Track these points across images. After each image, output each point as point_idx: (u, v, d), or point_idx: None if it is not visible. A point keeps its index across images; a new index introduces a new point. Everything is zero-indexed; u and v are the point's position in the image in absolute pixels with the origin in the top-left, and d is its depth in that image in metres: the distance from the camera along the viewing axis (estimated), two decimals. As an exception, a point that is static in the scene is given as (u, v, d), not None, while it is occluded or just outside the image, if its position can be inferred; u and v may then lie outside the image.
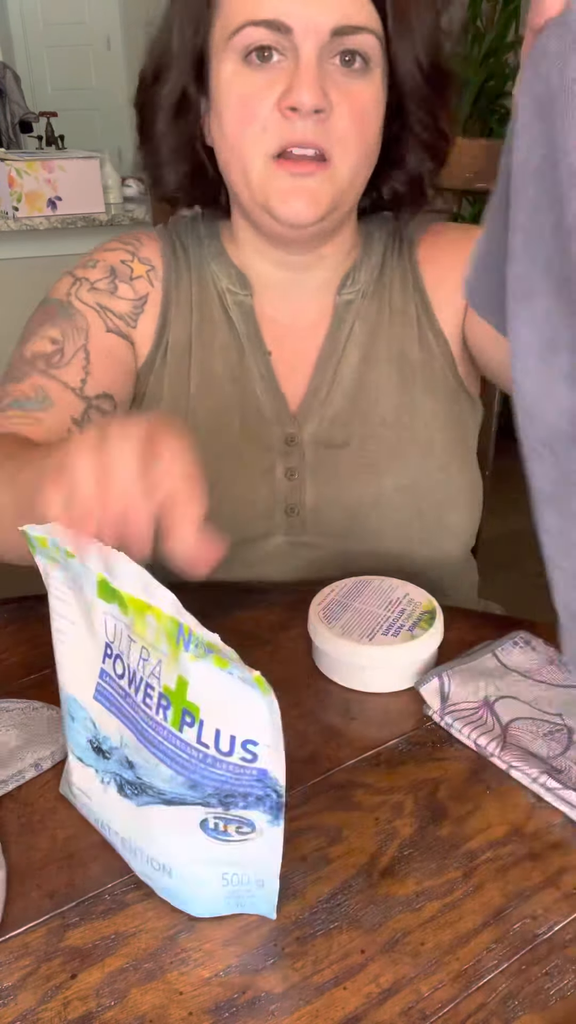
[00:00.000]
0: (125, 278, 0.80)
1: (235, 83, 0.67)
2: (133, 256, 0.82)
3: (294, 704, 0.63)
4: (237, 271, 0.81)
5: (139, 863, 0.48)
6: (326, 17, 0.64)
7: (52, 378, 0.75)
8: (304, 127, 0.65)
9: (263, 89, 0.66)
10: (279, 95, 0.65)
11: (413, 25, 0.68)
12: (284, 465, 0.79)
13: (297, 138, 0.66)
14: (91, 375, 0.76)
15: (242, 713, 0.41)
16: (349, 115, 0.67)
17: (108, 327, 0.78)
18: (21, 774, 0.56)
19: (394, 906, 0.47)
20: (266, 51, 0.66)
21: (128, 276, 0.80)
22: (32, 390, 0.74)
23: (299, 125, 0.65)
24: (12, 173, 2.30)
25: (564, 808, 0.53)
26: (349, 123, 0.67)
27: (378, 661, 0.63)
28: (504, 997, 0.42)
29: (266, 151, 0.67)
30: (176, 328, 0.81)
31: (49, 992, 0.43)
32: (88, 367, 0.76)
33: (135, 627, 0.43)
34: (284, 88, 0.65)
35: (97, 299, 0.79)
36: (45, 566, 0.48)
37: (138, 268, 0.81)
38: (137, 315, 0.80)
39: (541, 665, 0.65)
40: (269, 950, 0.45)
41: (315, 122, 0.65)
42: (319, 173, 0.68)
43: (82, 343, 0.77)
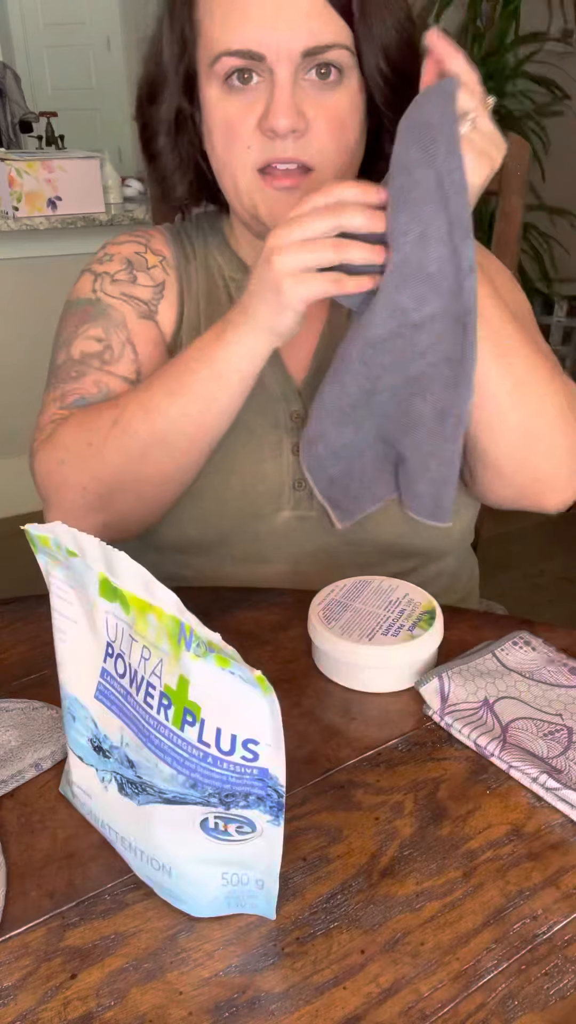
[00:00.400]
0: (142, 268, 0.84)
1: (219, 107, 0.72)
2: (145, 247, 0.86)
3: (294, 704, 0.63)
4: (239, 260, 0.85)
5: (139, 863, 0.48)
6: (296, 41, 0.68)
7: (110, 374, 0.79)
8: (284, 146, 0.70)
9: (244, 111, 0.71)
10: (259, 117, 0.70)
11: (375, 33, 0.71)
12: (291, 440, 0.81)
13: (278, 156, 0.71)
14: (142, 365, 0.81)
15: (243, 712, 0.41)
16: (327, 127, 0.71)
17: (140, 313, 0.82)
18: (21, 774, 0.56)
19: (394, 906, 0.47)
20: (245, 73, 0.70)
21: (144, 266, 0.85)
22: (95, 387, 0.79)
23: (279, 145, 0.70)
24: (12, 173, 2.30)
25: (564, 808, 0.53)
26: (327, 135, 0.71)
27: (378, 661, 0.63)
28: (504, 997, 0.42)
29: (251, 166, 0.72)
30: (189, 313, 0.84)
31: (49, 992, 0.43)
32: (137, 359, 0.81)
33: (136, 626, 0.43)
34: (262, 110, 0.70)
35: (121, 289, 0.83)
36: (47, 565, 0.48)
37: (152, 258, 0.85)
38: (158, 301, 0.84)
39: (541, 665, 0.65)
40: (269, 950, 0.45)
41: (294, 139, 0.70)
42: (303, 183, 0.72)
43: (125, 337, 0.81)
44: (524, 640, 0.67)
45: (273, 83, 0.69)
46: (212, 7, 0.70)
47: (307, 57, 0.68)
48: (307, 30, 0.67)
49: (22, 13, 4.67)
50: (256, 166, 0.72)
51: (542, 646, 0.67)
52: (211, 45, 0.70)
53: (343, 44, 0.69)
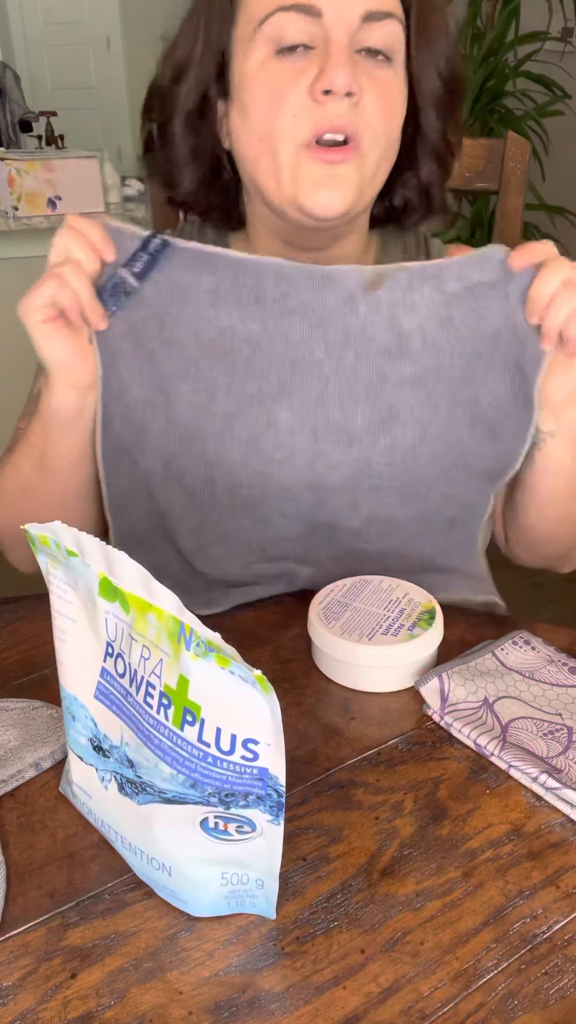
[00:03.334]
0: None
1: (263, 73, 0.67)
2: None
3: (294, 704, 0.63)
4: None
5: (139, 862, 0.48)
6: (356, 1, 0.64)
7: None
8: (337, 110, 0.65)
9: (293, 76, 0.65)
10: (311, 80, 0.65)
11: (432, 24, 0.69)
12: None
13: (330, 122, 0.65)
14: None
15: (243, 712, 0.41)
16: (378, 102, 0.67)
17: None
18: (21, 774, 0.56)
19: (394, 906, 0.47)
20: (296, 47, 0.65)
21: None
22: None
23: (331, 108, 0.65)
24: (12, 173, 2.29)
25: (564, 808, 0.53)
26: (379, 110, 0.67)
27: (378, 661, 0.63)
28: (504, 996, 0.42)
29: (297, 139, 0.66)
30: None
31: (49, 991, 0.43)
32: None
33: (136, 626, 0.43)
34: (316, 73, 0.65)
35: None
36: (46, 565, 0.48)
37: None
38: None
39: (541, 665, 0.65)
40: (269, 950, 0.45)
41: (348, 106, 0.65)
42: (349, 160, 0.67)
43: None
44: (524, 640, 0.67)
45: (328, 46, 0.64)
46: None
47: (365, 23, 0.65)
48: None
49: (22, 12, 4.67)
50: (302, 139, 0.66)
51: (542, 646, 0.67)
52: (260, 5, 0.65)
53: (398, 17, 0.67)
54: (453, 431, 0.69)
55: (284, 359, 0.66)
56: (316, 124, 0.65)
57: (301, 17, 0.64)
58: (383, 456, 0.69)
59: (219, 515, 0.72)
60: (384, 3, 0.66)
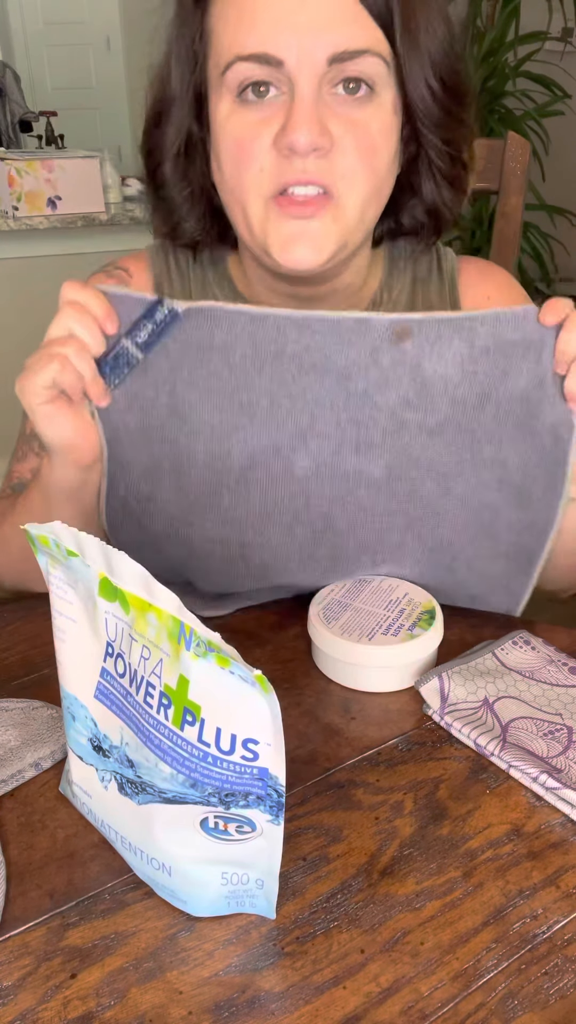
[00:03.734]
0: None
1: (230, 124, 0.62)
2: None
3: (294, 704, 0.63)
4: (243, 300, 0.76)
5: (139, 862, 0.48)
6: (321, 45, 0.58)
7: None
8: (304, 165, 0.60)
9: (258, 127, 0.61)
10: (275, 133, 0.60)
11: (422, 42, 0.62)
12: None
13: (295, 178, 0.61)
14: None
15: (243, 712, 0.41)
16: (355, 148, 0.61)
17: None
18: (21, 774, 0.56)
19: (394, 906, 0.47)
20: (261, 86, 0.60)
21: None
22: (30, 473, 0.78)
23: (298, 164, 0.60)
24: (12, 172, 2.30)
25: (564, 808, 0.53)
26: (355, 157, 0.61)
27: (378, 661, 0.63)
28: (504, 996, 0.42)
29: (265, 193, 0.63)
30: None
31: (49, 991, 0.43)
32: None
33: (136, 626, 0.43)
34: (280, 126, 0.60)
35: None
36: (46, 565, 0.48)
37: None
38: None
39: (541, 665, 0.65)
40: (269, 949, 0.45)
41: (316, 158, 0.60)
42: (322, 213, 0.62)
43: None
44: (524, 639, 0.67)
45: (292, 93, 0.59)
46: (226, 10, 0.61)
47: (334, 64, 0.59)
48: (335, 33, 0.58)
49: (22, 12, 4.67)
50: (270, 192, 0.62)
51: (542, 646, 0.67)
52: (222, 52, 0.61)
53: (377, 52, 0.60)
54: (479, 492, 0.65)
55: (303, 410, 0.62)
56: (282, 178, 0.61)
57: (261, 67, 0.59)
58: (401, 504, 0.66)
59: (231, 565, 0.70)
60: (355, 39, 0.59)
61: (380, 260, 0.77)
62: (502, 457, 0.63)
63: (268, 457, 0.64)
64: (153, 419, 0.64)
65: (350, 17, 0.58)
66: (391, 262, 0.77)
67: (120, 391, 0.62)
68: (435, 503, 0.66)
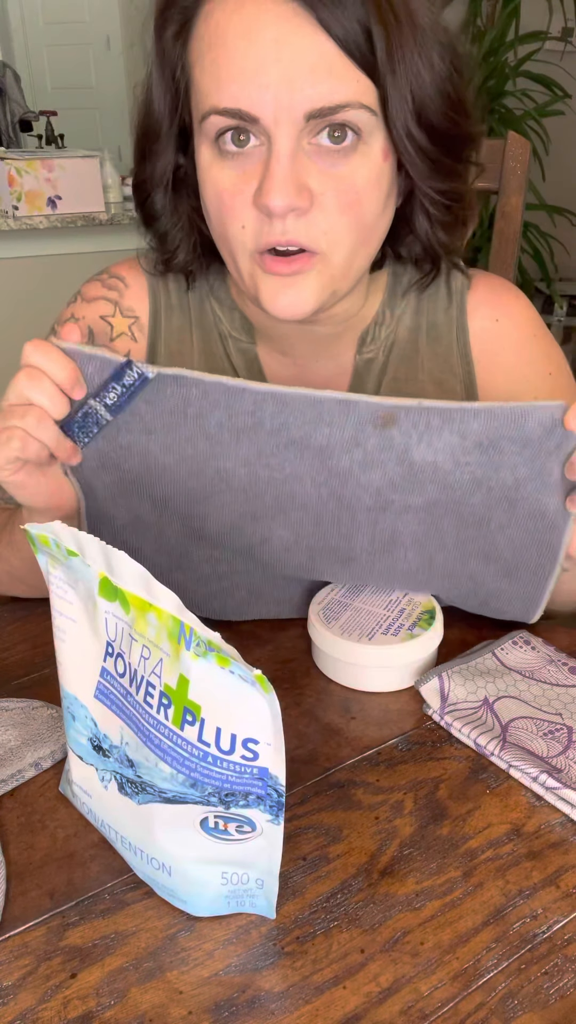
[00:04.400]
0: (104, 339, 0.75)
1: (211, 175, 0.60)
2: (115, 308, 0.75)
3: (294, 703, 0.63)
4: (241, 315, 0.74)
5: (139, 862, 0.48)
6: (299, 101, 0.54)
7: None
8: (283, 227, 0.58)
9: (237, 182, 0.59)
10: (254, 191, 0.58)
11: (404, 86, 0.57)
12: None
13: (275, 239, 0.58)
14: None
15: (243, 712, 0.41)
16: (336, 204, 0.58)
17: None
18: (21, 774, 0.56)
19: (394, 905, 0.47)
20: (241, 134, 0.57)
21: (107, 336, 0.75)
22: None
23: (277, 226, 0.58)
24: (12, 172, 2.30)
25: (564, 807, 0.53)
26: (336, 213, 0.58)
27: (378, 660, 0.63)
28: (503, 996, 0.42)
29: (249, 248, 0.61)
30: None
31: (49, 991, 0.43)
32: None
33: (136, 626, 0.43)
34: (258, 183, 0.57)
35: None
36: (46, 565, 0.48)
37: (119, 324, 0.75)
38: None
39: (541, 665, 0.65)
40: (269, 949, 0.45)
41: (295, 218, 0.58)
42: (307, 268, 0.60)
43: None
44: (524, 639, 0.67)
45: (270, 149, 0.56)
46: (203, 53, 0.57)
47: (313, 120, 0.55)
48: (313, 88, 0.54)
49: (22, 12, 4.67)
50: (254, 249, 0.60)
51: (542, 646, 0.67)
52: (200, 99, 0.58)
53: (360, 103, 0.56)
54: (464, 564, 0.64)
55: (283, 482, 0.60)
56: (264, 239, 0.59)
57: (237, 122, 0.56)
58: (382, 576, 0.67)
59: (224, 600, 0.71)
60: (335, 93, 0.55)
61: (383, 278, 0.74)
62: (492, 539, 0.62)
63: (246, 523, 0.62)
64: (128, 476, 0.61)
65: (329, 68, 0.54)
66: (394, 279, 0.74)
67: (91, 450, 0.59)
68: (416, 574, 0.66)
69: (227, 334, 0.75)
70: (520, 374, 0.73)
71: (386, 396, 0.55)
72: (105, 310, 0.75)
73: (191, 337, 0.75)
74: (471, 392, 0.74)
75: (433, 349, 0.73)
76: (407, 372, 0.73)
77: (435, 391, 0.73)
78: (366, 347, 0.73)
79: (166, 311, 0.75)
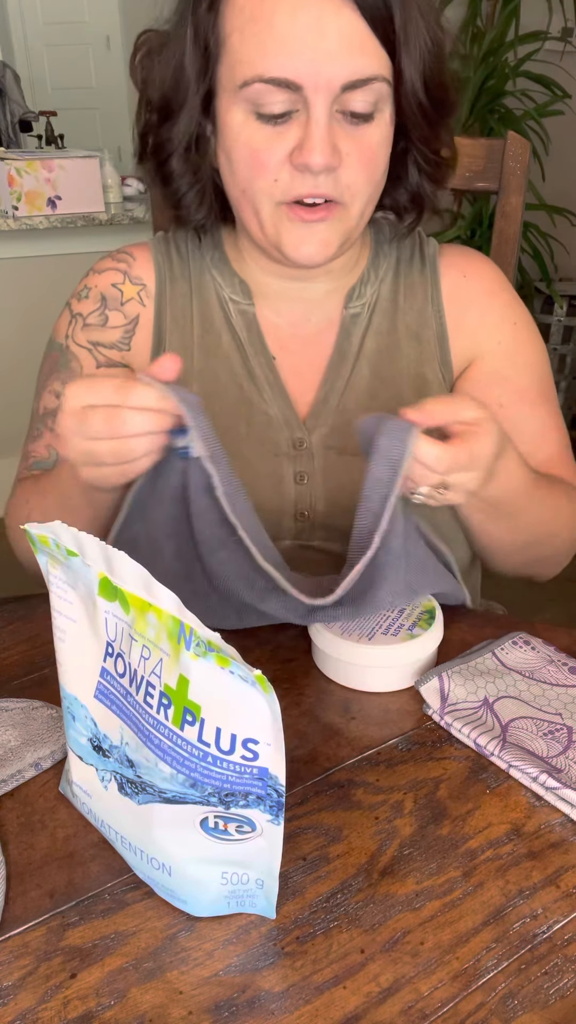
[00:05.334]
0: (116, 304, 0.82)
1: (245, 133, 0.67)
2: (124, 277, 0.83)
3: (294, 703, 0.63)
4: (240, 280, 0.82)
5: (139, 862, 0.48)
6: (337, 74, 0.63)
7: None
8: (316, 182, 0.67)
9: (274, 141, 0.66)
10: (291, 148, 0.66)
11: (415, 60, 0.67)
12: (294, 469, 0.80)
13: (308, 192, 0.67)
14: None
15: (243, 712, 0.41)
16: (359, 163, 0.68)
17: (99, 362, 0.82)
18: (21, 774, 0.56)
19: (394, 905, 0.47)
20: (279, 99, 0.65)
21: (119, 301, 0.82)
22: (46, 450, 0.81)
23: (310, 180, 0.67)
24: (12, 172, 2.29)
25: (564, 807, 0.53)
26: (358, 170, 0.68)
27: (378, 661, 0.63)
28: (504, 996, 0.42)
29: (277, 198, 0.69)
30: (173, 339, 0.82)
31: (49, 991, 0.43)
32: None
33: (136, 626, 0.43)
34: (296, 143, 0.66)
35: (88, 337, 0.82)
36: (46, 564, 0.48)
37: (128, 291, 0.83)
38: (129, 337, 0.82)
39: (541, 665, 0.65)
40: (269, 949, 0.45)
41: (325, 175, 0.67)
42: (330, 217, 0.69)
43: None
44: (524, 639, 0.67)
45: (308, 115, 0.65)
46: (242, 23, 0.64)
47: (346, 91, 0.64)
48: (349, 62, 0.63)
49: (22, 12, 4.67)
50: (282, 200, 0.68)
51: (542, 646, 0.67)
52: (240, 67, 0.65)
53: (383, 76, 0.66)
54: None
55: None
56: (296, 190, 0.67)
57: (280, 89, 0.64)
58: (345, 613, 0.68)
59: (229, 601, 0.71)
60: (366, 68, 0.64)
61: (368, 241, 0.83)
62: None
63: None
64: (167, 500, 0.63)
65: (362, 45, 0.64)
66: (377, 244, 0.84)
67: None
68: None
69: (227, 298, 0.82)
70: (486, 324, 0.82)
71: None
72: (116, 279, 0.83)
73: (191, 304, 0.82)
74: (443, 341, 0.82)
75: (410, 305, 0.82)
76: (388, 326, 0.82)
77: (411, 343, 0.82)
78: (352, 303, 0.82)
79: (170, 282, 0.83)
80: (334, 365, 0.81)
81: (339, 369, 0.81)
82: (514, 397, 0.81)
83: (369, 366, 0.81)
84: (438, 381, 0.81)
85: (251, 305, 0.82)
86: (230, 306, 0.82)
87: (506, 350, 0.82)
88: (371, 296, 0.82)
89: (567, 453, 0.83)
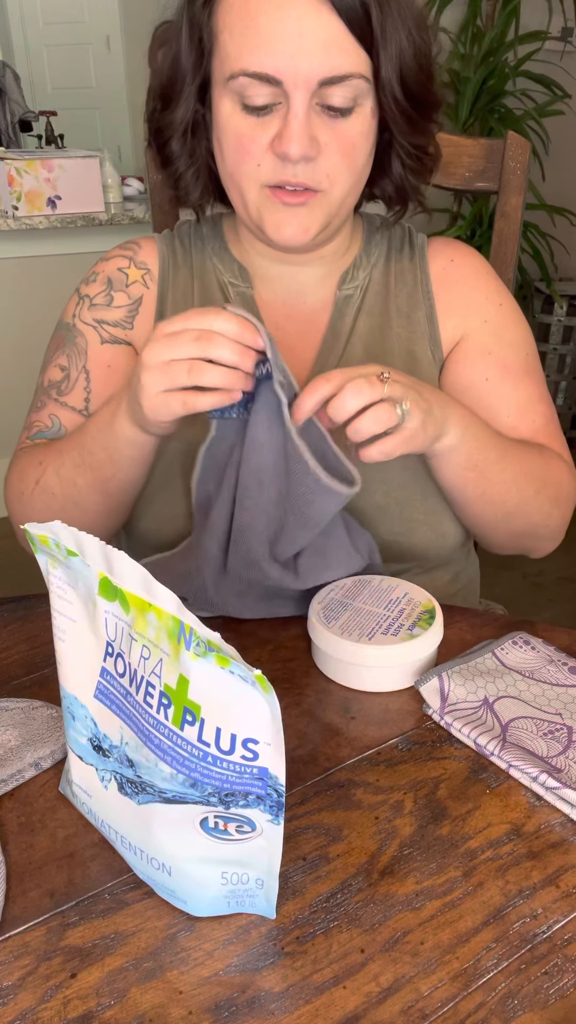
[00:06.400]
0: (121, 286, 0.87)
1: (232, 123, 0.72)
2: (130, 262, 0.88)
3: (294, 703, 0.63)
4: (239, 265, 0.86)
5: (139, 862, 0.48)
6: (314, 70, 0.67)
7: (62, 405, 0.84)
8: (295, 170, 0.71)
9: (257, 130, 0.71)
10: (272, 138, 0.70)
11: (392, 57, 0.70)
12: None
13: (287, 179, 0.71)
14: (92, 392, 0.83)
15: (243, 712, 0.41)
16: (338, 153, 0.72)
17: (103, 339, 0.85)
18: (21, 774, 0.56)
19: (394, 905, 0.47)
20: (262, 92, 0.69)
21: (124, 283, 0.87)
22: (48, 419, 0.84)
23: (290, 168, 0.71)
24: (12, 172, 2.29)
25: (564, 807, 0.53)
26: (338, 160, 0.72)
27: (378, 660, 0.63)
28: (503, 996, 0.42)
29: (260, 181, 0.73)
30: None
31: (49, 991, 0.43)
32: (89, 385, 0.84)
33: (136, 625, 0.43)
34: (276, 133, 0.70)
35: (95, 315, 0.86)
36: (46, 564, 0.48)
37: (133, 273, 0.87)
38: (133, 316, 0.86)
39: (541, 665, 0.65)
40: (269, 949, 0.45)
41: (304, 164, 0.70)
42: (310, 202, 0.73)
43: (83, 364, 0.84)
44: (524, 639, 0.67)
45: (288, 108, 0.69)
46: (231, 21, 0.69)
47: (324, 86, 0.68)
48: (326, 60, 0.67)
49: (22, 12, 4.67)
50: (266, 184, 0.73)
51: (542, 646, 0.67)
52: (228, 61, 0.69)
53: (360, 74, 0.69)
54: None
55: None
56: (277, 176, 0.72)
57: (262, 83, 0.68)
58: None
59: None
60: (342, 65, 0.68)
61: (360, 229, 0.88)
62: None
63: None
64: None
65: (340, 44, 0.67)
66: (369, 232, 0.89)
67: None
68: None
69: (227, 282, 0.86)
70: (473, 303, 0.86)
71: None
72: (122, 264, 0.88)
73: (192, 288, 0.87)
74: (432, 321, 0.86)
75: (401, 288, 0.86)
76: (380, 307, 0.86)
77: (402, 323, 0.85)
78: (345, 285, 0.86)
79: (173, 268, 0.87)
80: (328, 343, 0.84)
81: (333, 347, 0.84)
82: (499, 371, 0.84)
83: (362, 344, 0.84)
84: (428, 359, 0.84)
85: (249, 288, 0.86)
86: (229, 290, 0.86)
87: (492, 328, 0.85)
88: (363, 279, 0.86)
89: (553, 425, 0.86)
